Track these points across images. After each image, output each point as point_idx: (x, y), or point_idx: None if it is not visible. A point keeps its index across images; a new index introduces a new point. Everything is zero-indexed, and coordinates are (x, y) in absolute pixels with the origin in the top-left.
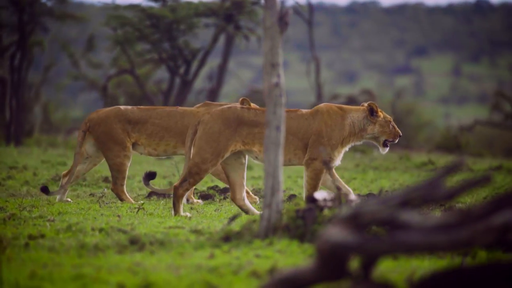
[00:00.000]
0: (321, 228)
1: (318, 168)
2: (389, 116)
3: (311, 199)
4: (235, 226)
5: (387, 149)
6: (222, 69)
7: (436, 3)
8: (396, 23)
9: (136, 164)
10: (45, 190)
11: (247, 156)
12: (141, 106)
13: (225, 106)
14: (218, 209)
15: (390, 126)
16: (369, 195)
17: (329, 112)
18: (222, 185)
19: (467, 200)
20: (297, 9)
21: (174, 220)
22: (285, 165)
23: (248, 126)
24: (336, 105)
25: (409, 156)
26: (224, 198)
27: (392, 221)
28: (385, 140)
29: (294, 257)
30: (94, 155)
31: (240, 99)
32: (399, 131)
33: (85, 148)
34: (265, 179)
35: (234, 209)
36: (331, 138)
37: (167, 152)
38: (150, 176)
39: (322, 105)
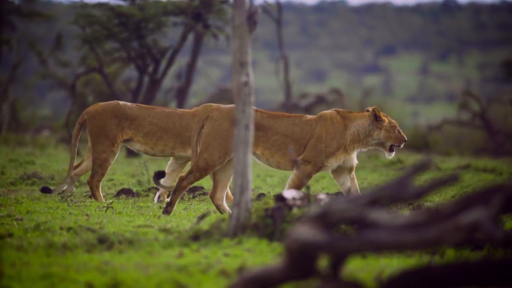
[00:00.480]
0: (290, 227)
1: (308, 172)
2: (394, 121)
3: (280, 198)
4: (204, 225)
5: (393, 153)
6: (190, 68)
7: (404, 2)
8: (364, 22)
9: None
10: (46, 190)
11: None
12: (141, 104)
13: (232, 105)
14: (187, 208)
15: (396, 131)
16: (338, 194)
17: (332, 120)
18: None
19: (436, 199)
20: (265, 8)
21: (142, 219)
22: (287, 169)
23: (255, 128)
24: (342, 112)
25: (377, 155)
26: (193, 197)
27: (361, 220)
28: (391, 145)
29: (263, 256)
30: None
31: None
32: (405, 136)
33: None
34: (234, 178)
35: (203, 208)
36: (328, 145)
37: (165, 152)
38: (159, 175)
39: (327, 111)
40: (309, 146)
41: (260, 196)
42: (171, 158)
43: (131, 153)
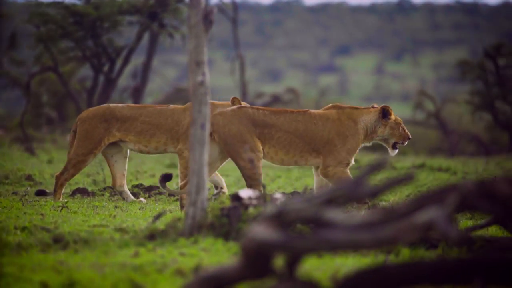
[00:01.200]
0: (246, 227)
1: (344, 173)
2: (399, 119)
3: (236, 198)
4: (160, 224)
5: (396, 151)
6: (146, 67)
7: (359, 2)
8: (319, 21)
9: (61, 162)
10: (42, 193)
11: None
12: (132, 104)
13: (234, 107)
14: (143, 208)
15: (400, 128)
16: (294, 193)
17: (340, 119)
18: (147, 183)
19: (391, 198)
20: (221, 8)
21: (98, 218)
22: (292, 165)
23: (260, 126)
24: (347, 108)
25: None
26: (149, 197)
27: (316, 219)
28: (395, 143)
29: (219, 255)
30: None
31: (231, 98)
32: (409, 134)
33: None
34: (190, 177)
35: (159, 207)
36: (345, 143)
37: (158, 149)
38: (166, 178)
39: (332, 111)
40: (327, 152)
41: (216, 195)
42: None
43: None
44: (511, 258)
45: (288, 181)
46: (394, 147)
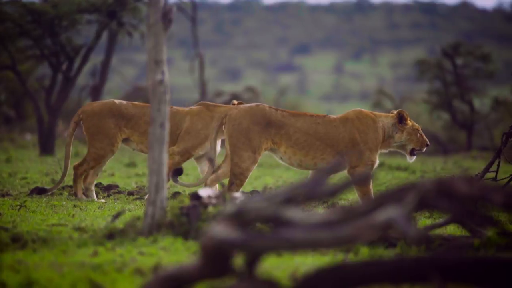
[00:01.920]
0: (206, 225)
1: (366, 173)
2: (417, 125)
3: (195, 197)
4: (119, 223)
5: (414, 158)
6: (105, 66)
7: (317, 1)
8: (278, 21)
9: (19, 161)
10: (42, 190)
11: None
12: (136, 102)
13: (252, 104)
14: (102, 207)
15: (418, 134)
16: (253, 192)
17: (360, 118)
18: (105, 182)
19: (350, 197)
20: (180, 6)
21: (56, 217)
22: (308, 169)
23: (276, 127)
24: (368, 112)
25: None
26: (108, 196)
27: (276, 218)
28: (413, 149)
29: (178, 254)
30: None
31: (235, 102)
32: (427, 140)
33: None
34: (149, 176)
35: (118, 206)
36: (367, 142)
37: None
38: (177, 172)
39: (351, 111)
40: (351, 152)
41: (176, 194)
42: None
43: (44, 151)
44: (469, 256)
45: (248, 180)
46: (412, 153)
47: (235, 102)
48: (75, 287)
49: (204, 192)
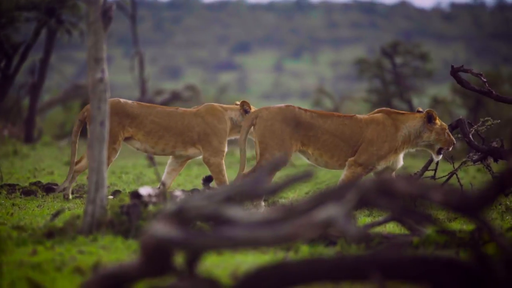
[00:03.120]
0: (146, 224)
1: (358, 173)
2: (444, 124)
3: (135, 195)
4: (59, 222)
5: (441, 156)
6: (44, 64)
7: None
8: (218, 19)
9: None
10: (50, 189)
11: None
12: (141, 102)
13: (282, 105)
14: (41, 205)
15: (445, 134)
16: (194, 190)
17: (384, 123)
18: (45, 180)
19: (290, 196)
20: (120, 4)
21: None
22: (335, 169)
23: (305, 128)
24: (393, 113)
25: (233, 152)
26: (47, 194)
27: (216, 217)
28: (440, 148)
29: (119, 253)
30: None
31: (240, 102)
32: (454, 139)
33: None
34: (89, 175)
35: (57, 205)
36: (380, 148)
37: (165, 151)
38: (208, 179)
39: (378, 114)
40: (361, 149)
41: (116, 193)
42: (171, 157)
43: None
44: (408, 254)
45: (188, 178)
46: (439, 152)
47: (238, 103)
48: (14, 286)
49: (144, 190)
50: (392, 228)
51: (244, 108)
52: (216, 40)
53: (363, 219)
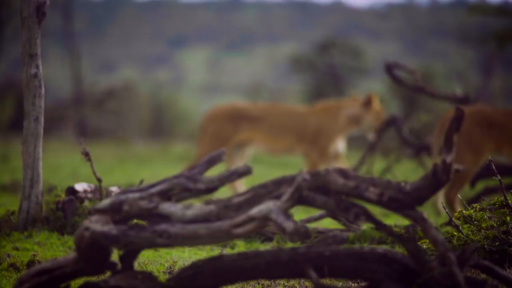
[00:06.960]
0: (82, 220)
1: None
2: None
3: (71, 191)
4: None
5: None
6: None
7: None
8: (154, 14)
9: None
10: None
11: None
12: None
13: (470, 108)
14: None
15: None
16: (130, 186)
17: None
18: None
19: (227, 191)
20: None
21: None
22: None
23: (498, 128)
24: None
25: (169, 147)
26: None
27: (152, 212)
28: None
29: (54, 249)
30: None
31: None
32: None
33: None
34: (23, 171)
35: None
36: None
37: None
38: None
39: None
40: None
41: (52, 189)
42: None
43: None
44: (344, 249)
45: (124, 174)
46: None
47: (354, 97)
48: None
49: (80, 186)
50: (328, 223)
51: (366, 102)
52: (152, 35)
53: (299, 214)
